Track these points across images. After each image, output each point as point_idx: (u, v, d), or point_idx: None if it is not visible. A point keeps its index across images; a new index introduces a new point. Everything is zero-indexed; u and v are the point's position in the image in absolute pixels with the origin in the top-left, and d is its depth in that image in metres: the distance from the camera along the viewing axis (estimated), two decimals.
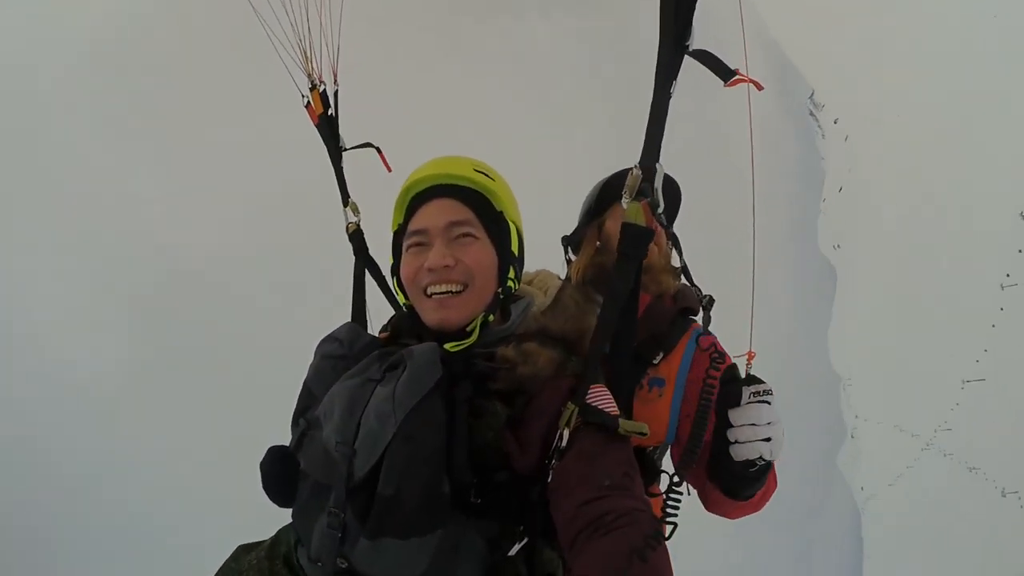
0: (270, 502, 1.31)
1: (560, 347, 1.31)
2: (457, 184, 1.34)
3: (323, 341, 1.41)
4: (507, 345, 1.28)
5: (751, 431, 1.30)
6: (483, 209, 1.34)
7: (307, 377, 1.39)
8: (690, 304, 1.84)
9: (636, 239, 1.21)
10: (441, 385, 1.18)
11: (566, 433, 1.17)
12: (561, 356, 1.29)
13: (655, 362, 1.69)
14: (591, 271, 1.85)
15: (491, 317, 1.32)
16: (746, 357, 1.36)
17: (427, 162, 1.40)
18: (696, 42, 1.13)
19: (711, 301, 1.83)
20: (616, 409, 1.22)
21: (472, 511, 1.16)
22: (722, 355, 1.59)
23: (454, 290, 1.28)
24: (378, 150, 1.82)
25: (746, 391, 1.32)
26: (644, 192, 1.19)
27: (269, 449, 1.33)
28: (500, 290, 1.34)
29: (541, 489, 1.18)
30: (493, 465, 1.17)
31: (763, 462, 1.33)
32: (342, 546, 1.19)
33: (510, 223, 1.37)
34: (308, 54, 1.79)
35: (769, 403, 1.33)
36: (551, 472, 1.17)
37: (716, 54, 1.10)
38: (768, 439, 1.31)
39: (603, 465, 1.14)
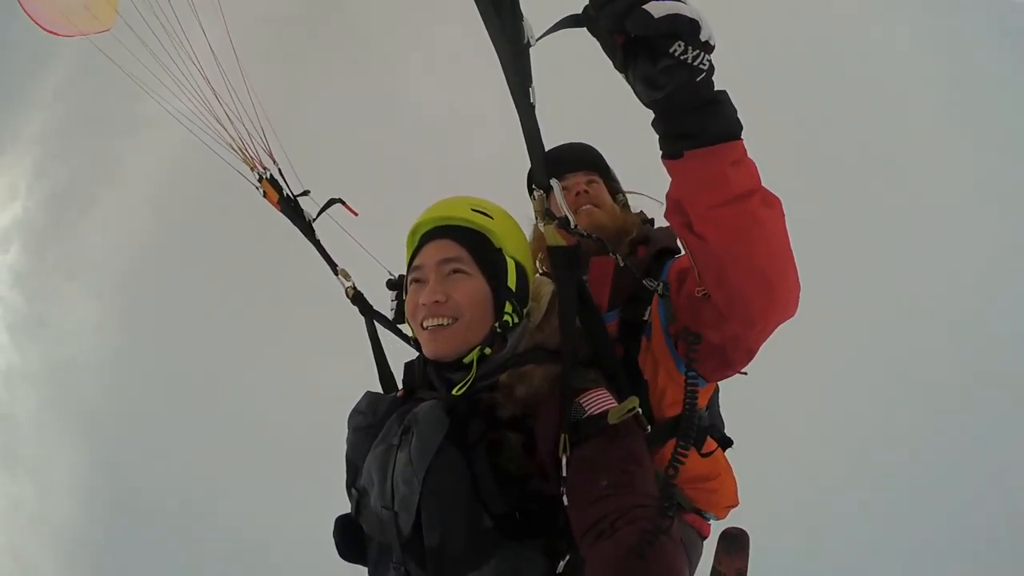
0: None
1: (557, 359, 1.35)
2: (454, 225, 1.42)
3: (351, 415, 1.51)
4: (507, 371, 1.34)
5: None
6: (479, 247, 1.40)
7: (347, 451, 1.51)
8: (666, 244, 1.71)
9: (563, 260, 1.27)
10: (452, 435, 1.26)
11: (564, 458, 1.21)
12: (558, 369, 1.32)
13: (646, 318, 1.56)
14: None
15: (487, 350, 1.36)
16: None
17: (431, 205, 1.50)
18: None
19: None
20: (612, 402, 1.26)
21: (521, 533, 1.23)
22: (697, 336, 1.34)
23: (445, 323, 1.35)
24: (341, 202, 1.91)
25: None
26: (550, 215, 1.23)
27: (336, 520, 1.49)
28: (497, 324, 1.38)
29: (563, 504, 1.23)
30: (528, 492, 1.24)
31: (686, 21, 0.88)
32: None
33: (508, 259, 1.41)
34: (245, 152, 1.89)
35: None
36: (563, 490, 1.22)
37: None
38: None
39: (602, 467, 1.16)
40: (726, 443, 1.78)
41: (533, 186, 1.20)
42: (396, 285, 1.58)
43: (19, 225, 8.88)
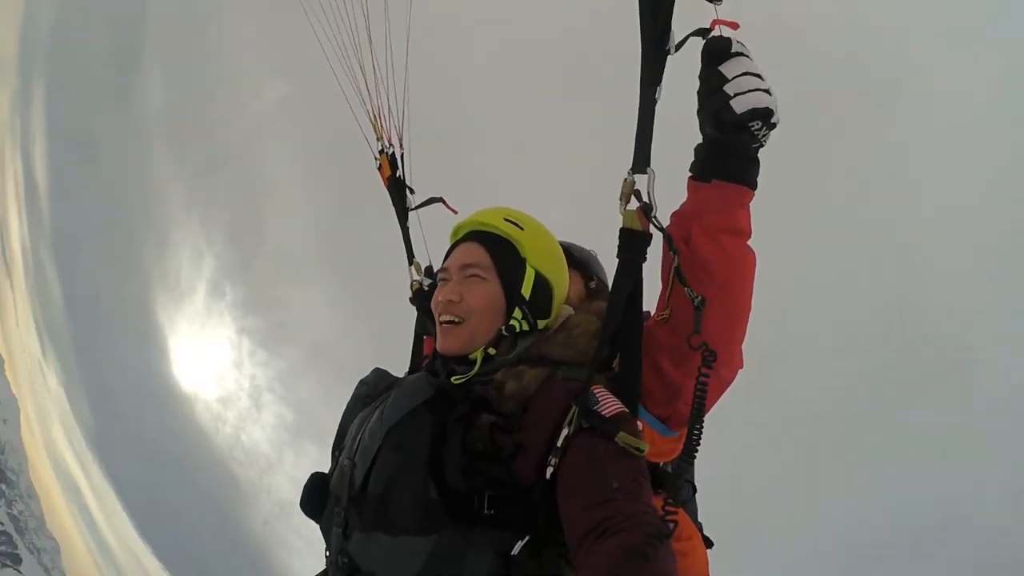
0: None
1: (547, 364, 1.40)
2: (484, 231, 1.55)
3: (357, 384, 1.61)
4: (502, 369, 1.41)
5: (749, 80, 1.18)
6: (502, 254, 1.51)
7: (341, 416, 1.58)
8: None
9: (631, 243, 1.31)
10: (432, 405, 1.32)
11: (565, 431, 1.23)
12: (549, 371, 1.39)
13: None
14: None
15: (492, 350, 1.46)
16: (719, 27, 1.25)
17: (478, 210, 1.63)
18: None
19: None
20: (619, 408, 1.26)
21: (479, 521, 1.23)
22: (713, 353, 1.28)
23: (455, 321, 1.47)
24: (443, 201, 1.98)
25: (733, 43, 1.22)
26: (638, 196, 1.28)
27: (310, 475, 1.53)
28: (503, 327, 1.47)
29: (542, 488, 1.23)
30: (492, 472, 1.25)
31: (765, 110, 1.20)
32: (345, 541, 1.34)
33: (529, 268, 1.50)
34: (378, 121, 2.03)
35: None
36: (555, 471, 1.22)
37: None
38: (768, 91, 1.20)
39: (613, 470, 1.18)
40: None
41: (628, 171, 1.28)
42: (430, 273, 1.80)
43: None
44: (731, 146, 1.24)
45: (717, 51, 1.21)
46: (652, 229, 1.31)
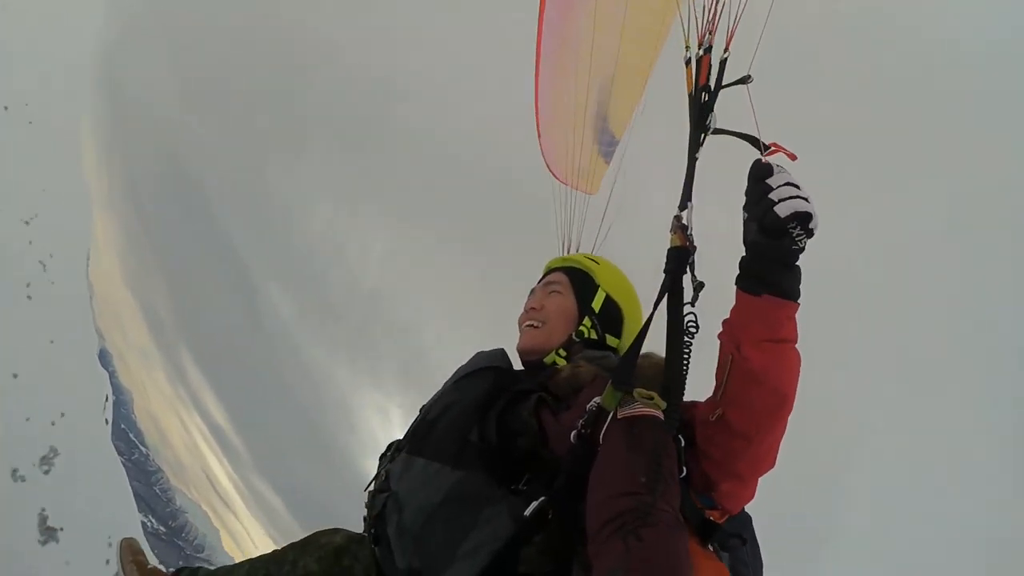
0: None
1: (605, 372, 1.54)
2: (567, 265, 1.96)
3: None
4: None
5: (790, 189, 1.31)
6: (579, 279, 1.90)
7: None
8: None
9: (673, 257, 1.49)
10: (498, 371, 1.67)
11: (597, 399, 1.33)
12: (602, 372, 1.55)
13: None
14: None
15: (563, 352, 1.76)
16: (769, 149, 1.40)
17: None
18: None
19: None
20: (649, 412, 1.31)
21: (504, 482, 1.37)
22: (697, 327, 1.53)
23: (535, 325, 1.83)
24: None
25: (775, 165, 1.36)
26: (682, 227, 1.50)
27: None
28: (574, 333, 1.79)
29: (571, 459, 1.32)
30: (523, 436, 1.46)
31: (805, 214, 1.29)
32: (390, 463, 1.60)
33: (601, 291, 1.87)
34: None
35: None
36: (583, 442, 1.31)
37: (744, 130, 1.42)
38: (807, 199, 1.31)
39: (640, 465, 1.20)
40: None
41: (677, 211, 1.54)
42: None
43: None
44: (775, 250, 1.32)
45: (761, 171, 1.35)
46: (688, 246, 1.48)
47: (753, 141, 1.40)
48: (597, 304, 1.84)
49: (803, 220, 1.28)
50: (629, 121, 2.71)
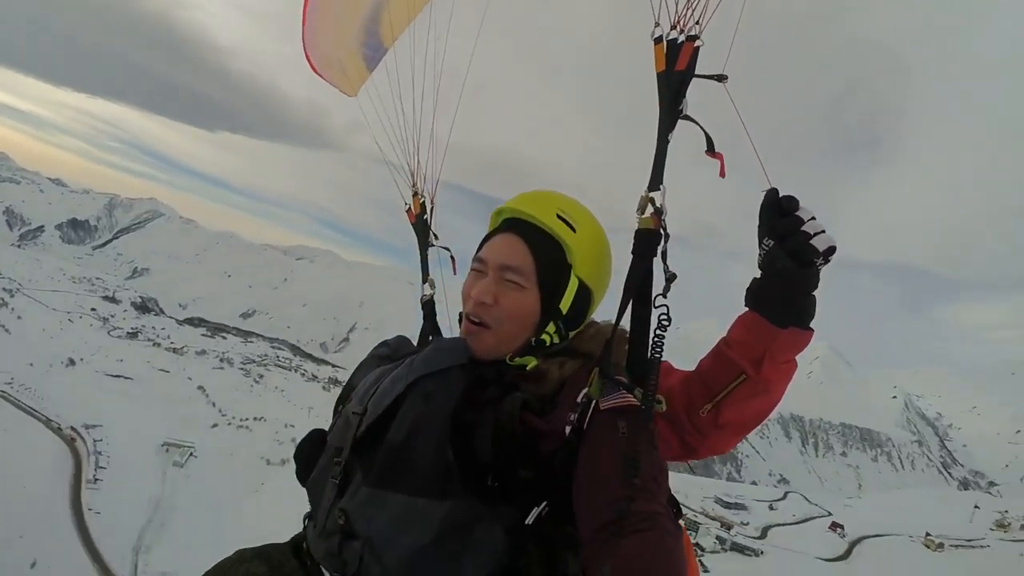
0: None
1: (583, 360, 1.48)
2: (532, 223, 1.46)
3: (376, 345, 1.64)
4: (537, 358, 1.44)
5: (818, 224, 1.34)
6: (546, 258, 1.44)
7: (353, 372, 1.58)
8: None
9: (643, 240, 1.40)
10: (466, 370, 1.35)
11: (586, 390, 1.29)
12: (581, 363, 1.46)
13: None
14: None
15: (516, 360, 1.44)
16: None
17: (527, 192, 1.55)
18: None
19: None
20: (635, 402, 1.28)
21: (489, 496, 1.23)
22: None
23: (483, 324, 1.44)
24: (452, 257, 2.06)
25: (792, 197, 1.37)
26: (652, 207, 1.40)
27: (309, 432, 1.50)
28: (532, 339, 1.45)
29: (563, 455, 1.25)
30: (517, 444, 1.27)
31: (834, 248, 1.34)
32: (341, 498, 1.28)
33: (573, 278, 1.45)
34: (414, 173, 2.28)
35: None
36: (576, 436, 1.26)
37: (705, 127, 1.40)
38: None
39: (633, 465, 1.17)
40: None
41: (644, 191, 1.43)
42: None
43: None
44: (807, 279, 1.33)
45: (790, 203, 1.35)
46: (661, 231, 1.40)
47: (709, 143, 1.40)
48: (567, 303, 1.45)
49: (831, 253, 1.32)
50: (399, 34, 2.39)
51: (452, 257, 2.07)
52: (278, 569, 1.38)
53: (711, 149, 1.40)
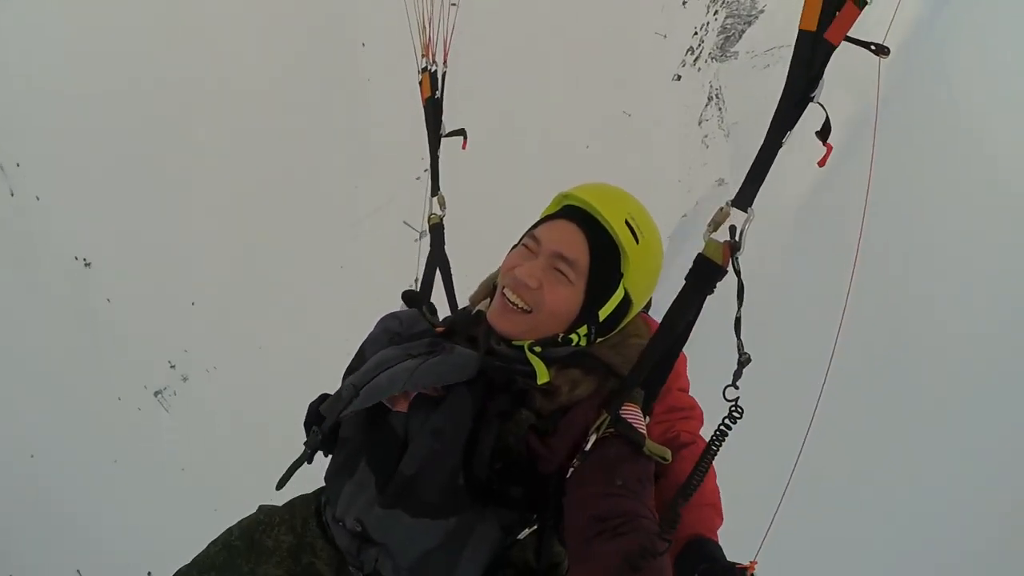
0: None
1: (601, 371, 1.37)
2: (601, 221, 1.36)
3: (386, 316, 1.54)
4: (551, 369, 1.33)
5: None
6: (603, 261, 1.35)
7: (364, 341, 1.52)
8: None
9: (707, 274, 1.24)
10: (473, 387, 1.28)
11: (593, 437, 1.24)
12: (599, 381, 1.35)
13: None
14: None
15: (537, 348, 1.35)
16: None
17: (598, 184, 1.44)
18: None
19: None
20: (645, 431, 1.27)
21: (490, 499, 1.26)
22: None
23: (521, 307, 1.34)
24: (464, 135, 1.89)
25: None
26: (729, 235, 1.21)
27: (319, 396, 1.50)
28: (560, 336, 1.37)
29: (557, 482, 1.26)
30: (516, 465, 1.27)
31: None
32: (359, 510, 1.34)
33: (620, 288, 1.37)
34: (425, 33, 1.89)
35: None
36: (572, 470, 1.25)
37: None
38: None
39: (621, 470, 1.20)
40: None
41: (728, 202, 1.21)
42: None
43: None
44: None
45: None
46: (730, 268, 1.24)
47: (827, 128, 1.17)
48: (606, 312, 1.37)
49: None
50: None
51: (465, 137, 1.90)
52: (301, 537, 1.51)
53: (826, 136, 1.16)
